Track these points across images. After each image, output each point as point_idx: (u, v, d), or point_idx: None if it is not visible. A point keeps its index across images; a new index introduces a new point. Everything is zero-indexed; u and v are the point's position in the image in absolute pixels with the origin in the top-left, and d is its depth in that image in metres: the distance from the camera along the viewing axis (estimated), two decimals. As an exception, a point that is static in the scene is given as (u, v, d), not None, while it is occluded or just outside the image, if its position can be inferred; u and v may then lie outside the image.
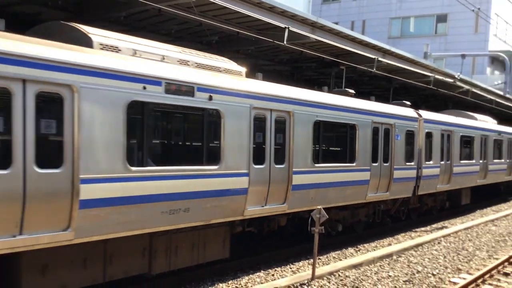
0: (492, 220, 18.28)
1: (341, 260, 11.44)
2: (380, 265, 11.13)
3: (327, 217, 9.55)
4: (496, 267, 11.42)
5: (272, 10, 12.23)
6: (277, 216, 10.70)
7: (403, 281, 10.03)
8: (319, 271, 9.85)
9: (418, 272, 10.79)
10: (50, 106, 6.53)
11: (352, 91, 13.89)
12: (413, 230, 15.74)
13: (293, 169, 10.45)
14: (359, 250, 12.60)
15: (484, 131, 21.21)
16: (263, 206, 9.92)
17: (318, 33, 14.01)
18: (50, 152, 6.55)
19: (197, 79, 8.47)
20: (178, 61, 8.56)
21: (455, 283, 10.11)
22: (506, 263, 11.99)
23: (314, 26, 13.71)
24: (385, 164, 13.86)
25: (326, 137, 11.78)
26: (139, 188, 7.53)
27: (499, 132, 23.32)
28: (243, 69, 10.16)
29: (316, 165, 11.23)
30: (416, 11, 45.54)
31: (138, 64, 7.64)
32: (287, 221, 11.25)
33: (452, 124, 17.94)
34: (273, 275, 9.95)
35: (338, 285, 9.42)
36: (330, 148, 12.10)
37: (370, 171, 13.13)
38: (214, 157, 8.80)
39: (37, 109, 6.32)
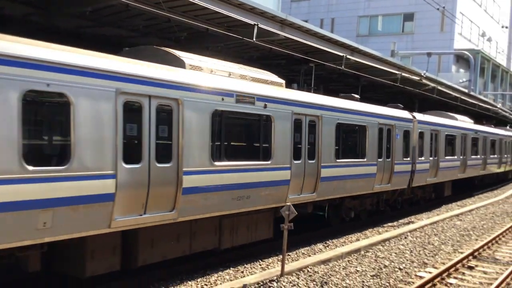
0: (457, 215, 18.72)
1: (310, 256, 11.53)
2: (349, 260, 11.27)
3: (296, 213, 9.61)
4: (460, 261, 11.69)
5: (241, 6, 12.20)
6: (307, 203, 12.59)
7: (371, 276, 10.18)
8: (288, 267, 9.90)
9: (385, 266, 10.96)
10: (164, 116, 8.36)
11: (357, 96, 15.55)
12: (381, 225, 15.98)
13: (321, 164, 12.39)
14: (328, 246, 12.72)
15: (464, 130, 23.54)
16: (299, 195, 11.82)
17: (288, 30, 14.06)
18: (164, 151, 8.38)
19: (256, 91, 10.41)
20: (239, 76, 10.58)
21: (421, 277, 10.31)
22: (470, 257, 12.29)
23: (283, 23, 13.74)
24: (387, 160, 15.85)
25: (344, 137, 13.70)
26: (219, 179, 9.41)
27: (476, 131, 25.62)
28: (283, 81, 12.14)
29: (338, 160, 13.16)
30: (384, 10, 46.23)
31: (219, 80, 9.62)
32: (313, 208, 13.26)
33: (439, 124, 20.22)
34: (242, 272, 9.95)
35: (307, 281, 9.49)
36: (347, 146, 13.96)
37: (377, 166, 15.10)
38: (267, 154, 10.73)
39: (157, 118, 8.17)
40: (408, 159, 17.25)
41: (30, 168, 6.45)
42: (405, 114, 17.43)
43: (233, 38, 12.90)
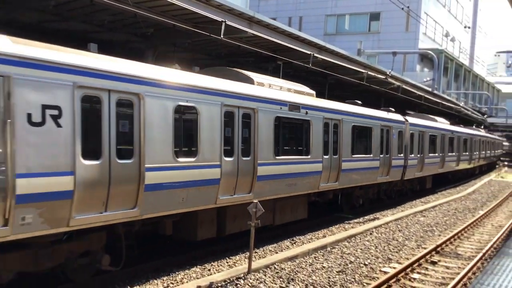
0: (421, 211, 19.12)
1: (277, 253, 11.58)
2: (315, 257, 11.37)
3: (263, 210, 9.63)
4: (424, 256, 11.95)
5: (209, 3, 12.13)
6: (330, 191, 15.39)
7: (337, 272, 10.30)
8: (256, 264, 9.92)
9: (351, 262, 11.11)
10: (247, 121, 11.16)
11: (359, 102, 17.92)
12: (347, 222, 16.18)
13: (342, 159, 15.23)
14: (295, 243, 12.80)
15: (443, 130, 26.76)
16: (326, 183, 14.55)
17: (256, 28, 14.05)
18: (246, 148, 11.18)
19: (300, 100, 13.24)
20: (287, 89, 13.42)
21: (385, 272, 10.50)
22: (433, 252, 12.58)
23: (251, 20, 13.73)
24: (386, 156, 18.77)
25: (356, 136, 16.35)
26: (279, 169, 12.18)
27: (452, 131, 28.89)
28: (314, 92, 15.07)
29: (353, 156, 15.95)
30: (351, 9, 46.76)
31: (278, 94, 12.50)
32: (333, 196, 16.14)
33: (424, 126, 23.48)
34: (209, 270, 9.90)
35: (273, 277, 9.52)
36: (359, 144, 16.66)
37: (379, 161, 18.09)
38: (307, 150, 13.48)
39: (242, 123, 11.02)
40: (402, 155, 20.29)
41: (178, 159, 9.16)
42: (399, 117, 20.66)
43: (201, 35, 12.82)
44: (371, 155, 17.37)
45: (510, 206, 23.18)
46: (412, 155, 21.44)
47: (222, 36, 12.28)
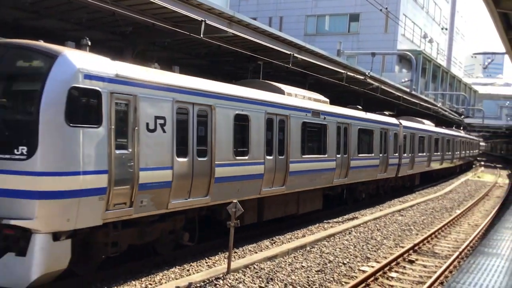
0: (399, 211, 19.34)
1: (256, 252, 11.58)
2: (294, 256, 11.40)
3: (242, 210, 9.64)
4: (402, 255, 12.09)
5: (189, 2, 12.08)
6: (340, 186, 17.56)
7: (316, 271, 10.35)
8: (235, 264, 9.91)
9: (330, 261, 11.18)
10: (282, 125, 13.32)
11: (360, 107, 20.32)
12: (326, 221, 16.27)
13: (351, 158, 17.49)
14: (274, 242, 12.82)
15: (429, 132, 29.60)
16: (338, 179, 16.85)
17: (236, 27, 14.03)
18: (281, 148, 13.37)
19: (320, 108, 15.59)
20: (308, 98, 15.59)
21: (364, 271, 10.59)
22: (411, 251, 12.74)
23: (231, 20, 13.71)
24: (384, 155, 21.02)
25: (361, 138, 18.62)
26: (305, 166, 14.36)
27: (437, 133, 32.06)
28: (327, 100, 17.25)
29: (359, 155, 18.26)
30: (331, 10, 47.05)
31: (304, 102, 14.89)
32: (342, 190, 18.29)
33: (415, 128, 26.25)
34: (188, 270, 9.86)
35: (253, 277, 9.53)
36: (363, 144, 18.99)
37: (379, 160, 20.37)
38: (324, 149, 15.73)
39: (279, 127, 13.19)
40: (396, 155, 22.55)
41: (236, 157, 11.42)
42: (394, 121, 23.25)
43: (180, 34, 12.75)
44: (373, 155, 19.79)
45: (486, 205, 23.61)
46: (405, 155, 23.87)
47: (202, 36, 12.23)
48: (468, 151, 46.58)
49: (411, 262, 11.91)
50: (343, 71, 20.52)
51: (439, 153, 32.41)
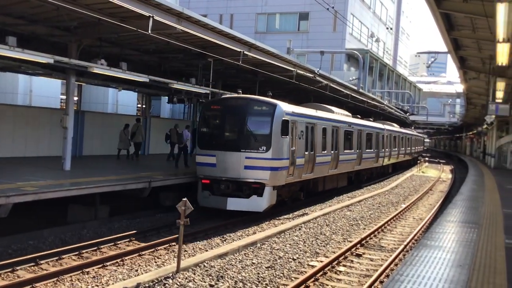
0: (347, 206, 19.73)
1: (207, 250, 11.54)
2: (245, 253, 11.43)
3: (192, 208, 9.58)
4: (349, 249, 12.35)
5: (136, -3, 11.85)
6: (355, 171, 26.16)
7: (266, 268, 10.41)
8: (185, 263, 9.82)
9: (280, 258, 11.27)
10: (336, 133, 21.88)
11: (359, 116, 29.12)
12: (277, 218, 16.41)
13: (362, 152, 26.41)
14: (225, 240, 12.81)
15: (399, 132, 39.06)
16: (358, 166, 25.87)
17: (185, 24, 13.88)
18: (336, 146, 21.94)
19: (349, 120, 24.49)
20: (341, 114, 23.93)
21: (313, 266, 10.74)
22: (358, 245, 13.03)
23: (180, 16, 13.55)
24: (377, 150, 30.21)
25: (368, 139, 27.83)
26: (345, 157, 22.99)
27: (401, 132, 40.35)
28: (350, 114, 26.36)
29: (367, 150, 27.36)
30: (281, 8, 47.33)
31: (346, 118, 24.35)
32: (355, 175, 26.66)
33: (392, 130, 36.18)
34: (136, 270, 9.70)
35: (203, 275, 9.48)
36: (368, 143, 28.10)
37: (374, 153, 29.73)
38: (351, 147, 24.18)
39: (336, 133, 21.93)
40: (383, 150, 32.12)
41: (322, 151, 19.74)
42: (381, 125, 32.80)
43: (128, 30, 12.52)
44: (373, 150, 29.08)
45: (430, 199, 24.48)
46: (387, 149, 33.65)
47: (150, 32, 12.04)
48: (415, 147, 48.92)
49: (359, 256, 12.18)
50: (293, 69, 20.73)
51: (403, 149, 38.28)
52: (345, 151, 23.04)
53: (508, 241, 9.97)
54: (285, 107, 16.13)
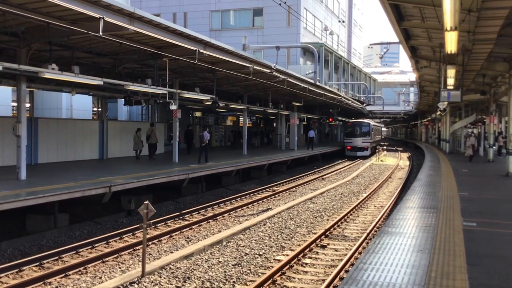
0: (310, 198, 19.95)
1: (172, 252, 11.43)
2: (211, 253, 11.40)
3: (155, 211, 9.47)
4: (314, 241, 12.50)
5: (85, -1, 11.57)
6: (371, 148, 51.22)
7: (232, 265, 10.42)
8: (150, 266, 9.71)
9: (246, 254, 11.29)
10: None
11: (366, 120, 49.58)
12: (241, 215, 16.43)
13: (374, 140, 52.60)
14: (190, 240, 12.74)
15: (374, 125, 53.60)
16: (371, 145, 52.08)
17: (137, 24, 13.65)
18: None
19: (372, 122, 51.64)
20: (374, 120, 71.44)
21: (279, 261, 10.82)
22: (323, 237, 13.20)
23: (131, 17, 13.31)
24: (379, 136, 56.98)
25: (377, 132, 53.96)
26: (373, 141, 52.65)
27: (374, 125, 54.69)
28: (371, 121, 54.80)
29: (375, 137, 52.89)
30: (235, 5, 47.30)
31: (372, 121, 56.16)
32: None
33: (373, 125, 47.80)
34: (100, 277, 9.51)
35: (169, 278, 9.39)
36: (377, 134, 55.09)
37: (373, 139, 49.06)
38: (373, 136, 49.50)
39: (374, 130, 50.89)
40: (376, 137, 50.32)
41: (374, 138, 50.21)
42: (371, 122, 47.04)
43: (78, 32, 12.23)
44: (378, 137, 52.90)
45: (390, 187, 25.04)
46: (376, 137, 52.46)
47: (101, 33, 11.78)
48: (375, 136, 60.74)
49: (323, 247, 12.34)
50: (249, 65, 20.74)
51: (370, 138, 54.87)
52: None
53: (465, 223, 10.32)
54: (371, 121, 30.50)
